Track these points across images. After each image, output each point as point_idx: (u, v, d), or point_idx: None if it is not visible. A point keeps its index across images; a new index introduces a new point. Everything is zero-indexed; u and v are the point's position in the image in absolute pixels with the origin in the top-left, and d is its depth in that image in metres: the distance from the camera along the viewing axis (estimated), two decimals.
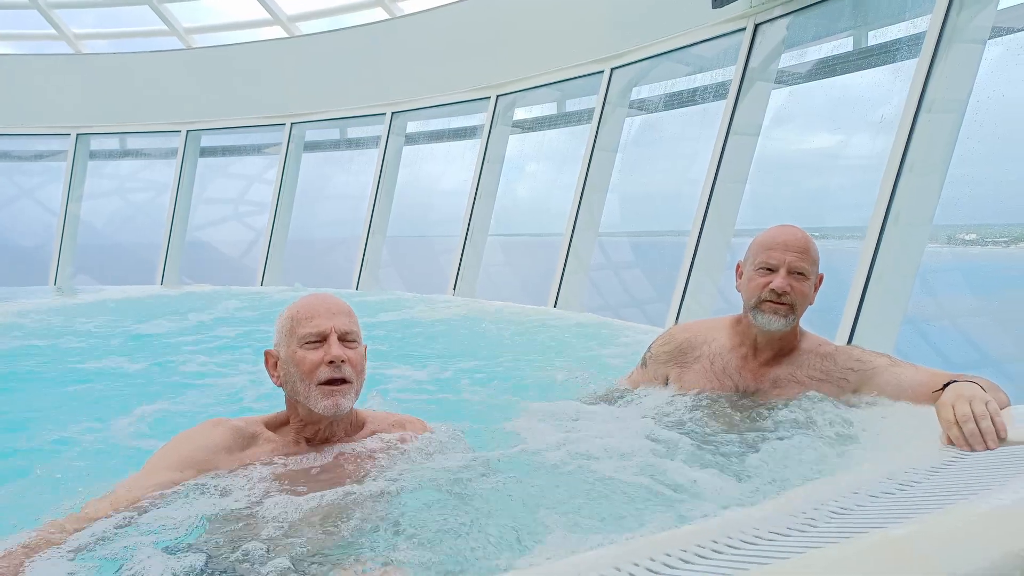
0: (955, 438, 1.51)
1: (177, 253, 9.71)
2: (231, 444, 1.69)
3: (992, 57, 3.96)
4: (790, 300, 2.05)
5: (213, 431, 1.71)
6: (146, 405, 2.82)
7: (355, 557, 1.36)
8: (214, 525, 1.48)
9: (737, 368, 2.17)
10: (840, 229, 6.20)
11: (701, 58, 6.03)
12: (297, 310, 1.74)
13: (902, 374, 1.98)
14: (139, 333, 5.11)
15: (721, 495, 1.47)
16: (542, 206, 8.73)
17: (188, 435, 1.73)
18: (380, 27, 8.54)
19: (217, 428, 1.72)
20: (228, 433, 1.71)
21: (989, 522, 1.00)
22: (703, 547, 0.99)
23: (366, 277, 8.46)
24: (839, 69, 5.23)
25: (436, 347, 4.67)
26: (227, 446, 1.69)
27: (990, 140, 4.02)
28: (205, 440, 1.69)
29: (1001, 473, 1.27)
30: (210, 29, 9.89)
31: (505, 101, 7.66)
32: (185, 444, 1.69)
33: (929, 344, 5.59)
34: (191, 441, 1.70)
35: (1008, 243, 6.46)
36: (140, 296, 7.75)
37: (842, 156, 6.11)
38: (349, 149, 9.71)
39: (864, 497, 1.22)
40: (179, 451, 1.68)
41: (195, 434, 1.72)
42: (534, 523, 1.41)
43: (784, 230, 2.10)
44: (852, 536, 1.03)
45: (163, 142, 9.99)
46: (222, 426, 1.72)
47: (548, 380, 3.17)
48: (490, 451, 1.89)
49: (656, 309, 6.36)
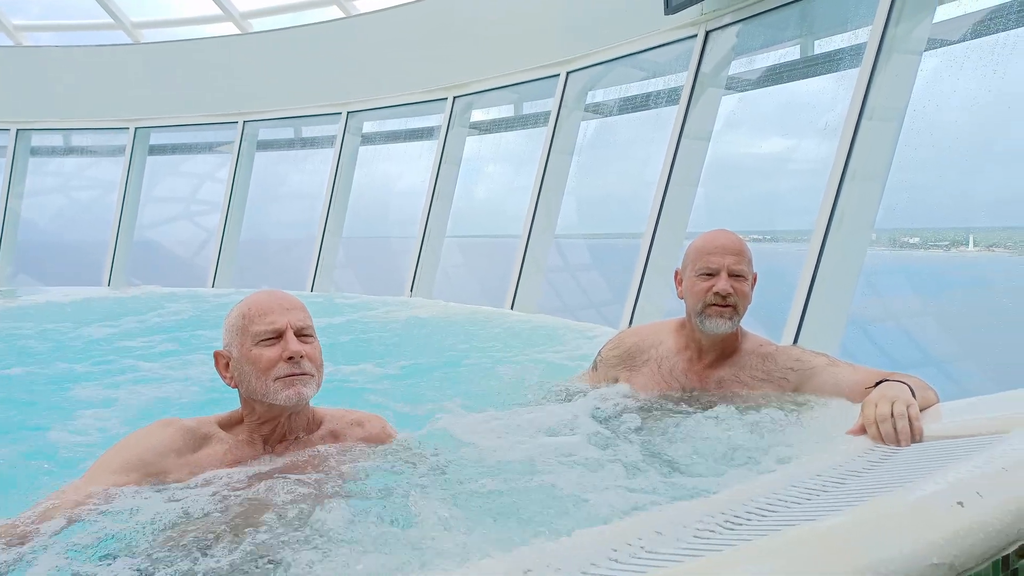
0: (872, 436, 1.60)
1: (125, 253, 9.44)
2: (181, 446, 1.63)
3: (928, 68, 4.13)
4: (733, 302, 2.11)
5: (162, 432, 1.64)
6: (91, 410, 2.75)
7: (308, 562, 1.35)
8: (160, 533, 1.43)
9: (683, 371, 2.23)
10: (789, 232, 6.38)
11: (654, 63, 6.13)
12: (249, 307, 1.68)
13: (839, 373, 2.06)
14: (86, 336, 4.96)
15: (659, 493, 1.51)
16: (499, 208, 8.76)
17: (135, 437, 1.66)
18: (335, 25, 8.46)
19: (167, 429, 1.65)
20: (178, 434, 1.64)
21: (908, 514, 1.05)
22: (636, 545, 1.01)
23: (321, 278, 8.36)
24: (786, 76, 5.38)
25: (392, 348, 4.65)
26: (177, 448, 1.62)
27: (926, 148, 4.19)
28: (153, 442, 1.62)
29: (923, 468, 1.33)
30: (159, 24, 9.66)
31: (462, 102, 7.66)
32: (131, 447, 1.62)
33: (874, 344, 5.78)
34: (138, 443, 1.63)
35: (949, 246, 6.73)
36: (87, 297, 7.52)
37: (790, 161, 6.28)
38: (304, 148, 9.59)
39: (796, 492, 1.26)
40: (124, 454, 1.60)
41: (142, 436, 1.65)
42: (482, 526, 1.43)
43: (720, 235, 2.17)
44: (782, 529, 1.07)
45: (110, 139, 9.71)
46: (172, 427, 1.66)
47: (501, 381, 3.19)
48: (442, 452, 1.90)
49: (613, 311, 6.44)
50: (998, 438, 1.45)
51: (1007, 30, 3.86)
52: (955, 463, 1.28)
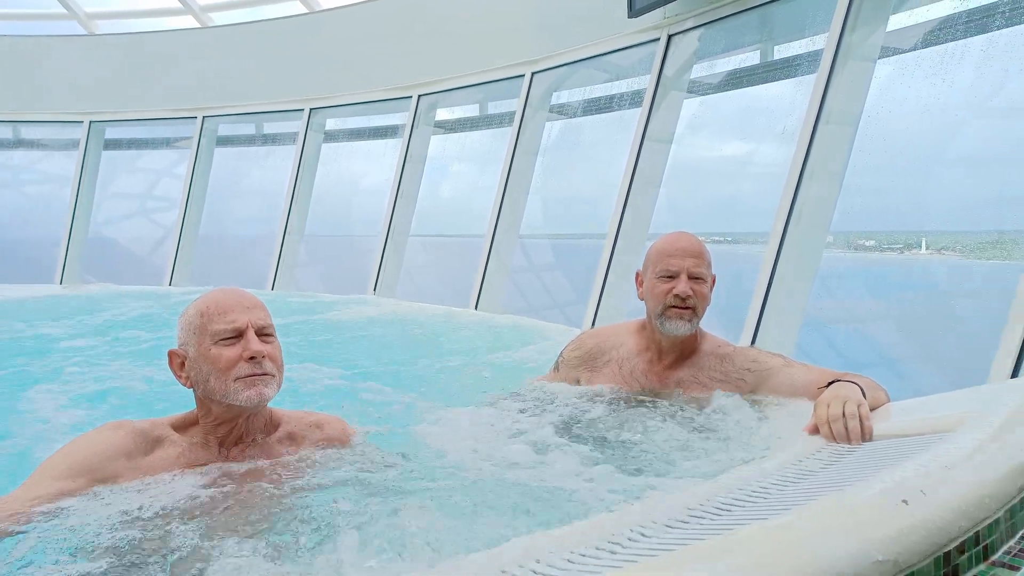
0: (825, 435, 1.65)
1: (78, 250, 9.17)
2: (132, 449, 1.57)
3: (882, 75, 4.24)
4: (692, 304, 2.14)
5: (112, 435, 1.58)
6: (35, 413, 2.66)
7: (264, 567, 1.33)
8: (108, 541, 1.37)
9: (643, 372, 2.25)
10: (750, 234, 6.49)
11: (618, 66, 6.18)
12: (208, 305, 1.63)
13: (795, 374, 2.10)
14: (36, 335, 4.81)
15: (614, 493, 1.52)
16: (464, 207, 8.74)
17: (82, 441, 1.58)
18: (298, 20, 8.34)
19: (117, 431, 1.58)
20: (129, 437, 1.58)
21: (854, 512, 1.07)
22: (590, 545, 1.02)
23: (283, 276, 8.24)
24: (747, 81, 5.47)
25: (353, 348, 4.60)
26: (127, 451, 1.56)
27: (879, 153, 4.31)
28: (101, 445, 1.55)
29: (871, 467, 1.37)
30: (115, 15, 9.41)
31: (427, 101, 7.62)
32: (78, 451, 1.55)
33: (830, 345, 5.91)
34: (85, 447, 1.55)
35: (902, 249, 6.92)
36: (37, 296, 7.29)
37: (751, 164, 6.40)
38: (265, 145, 9.43)
39: (749, 491, 1.29)
40: (70, 458, 1.53)
41: (91, 439, 1.58)
42: (436, 528, 1.42)
43: (680, 237, 2.20)
44: (734, 528, 1.09)
45: (63, 132, 9.42)
46: (123, 429, 1.59)
47: (461, 382, 3.19)
48: (403, 454, 1.89)
49: (576, 311, 6.49)
50: (943, 437, 1.49)
51: (955, 40, 3.99)
52: (902, 462, 1.32)
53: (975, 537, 1.16)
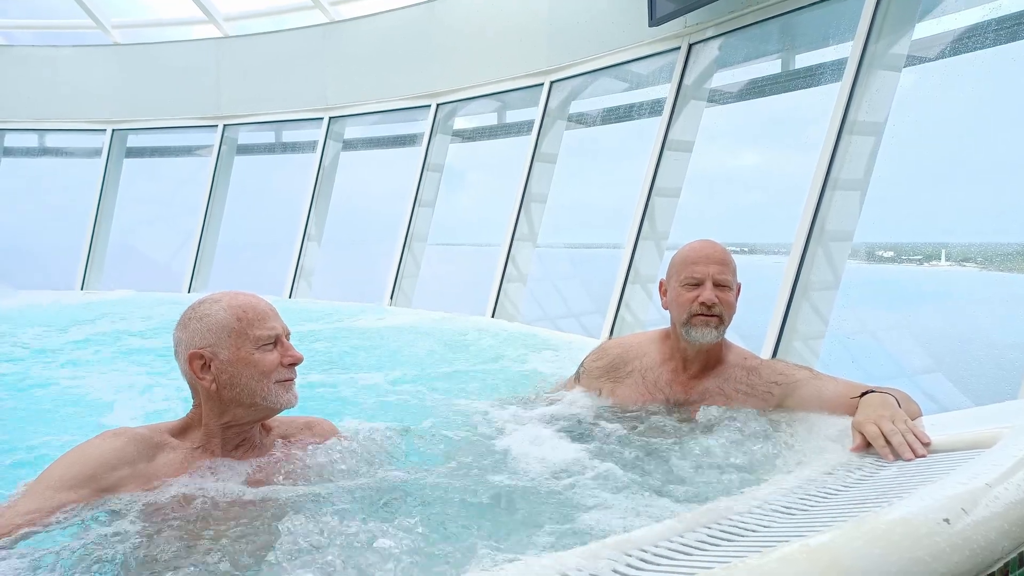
0: (880, 450, 1.59)
1: (100, 257, 9.28)
2: (135, 456, 1.53)
3: (907, 84, 4.18)
4: (718, 311, 2.11)
5: (113, 443, 1.54)
6: (36, 422, 2.65)
7: (277, 569, 1.31)
8: (115, 554, 1.32)
9: (668, 382, 2.22)
10: (770, 245, 6.43)
11: (637, 75, 6.16)
12: (243, 310, 1.63)
13: (823, 387, 2.06)
14: (41, 343, 4.85)
15: (645, 507, 1.49)
16: (481, 216, 8.74)
17: (82, 450, 1.53)
18: (319, 30, 8.41)
19: (118, 439, 1.55)
20: (131, 444, 1.54)
21: (895, 530, 1.04)
22: (620, 561, 1.00)
23: (300, 284, 8.28)
24: (768, 90, 5.43)
25: (369, 356, 4.60)
26: (130, 459, 1.52)
27: (902, 163, 4.25)
28: (103, 454, 1.51)
29: (908, 483, 1.33)
30: (138, 25, 9.54)
31: (445, 110, 7.65)
32: (78, 461, 1.50)
33: (852, 358, 5.83)
34: (86, 457, 1.51)
35: (922, 261, 6.83)
36: (58, 303, 7.36)
37: (771, 174, 6.34)
38: (285, 153, 9.51)
39: (785, 506, 1.25)
40: (72, 468, 1.48)
41: (91, 447, 1.53)
42: (449, 536, 1.40)
43: (704, 244, 2.17)
44: (774, 545, 1.06)
45: (86, 141, 9.55)
46: (123, 436, 1.56)
47: (479, 390, 3.17)
48: (417, 457, 1.88)
49: (594, 321, 6.44)
50: (980, 452, 1.45)
51: (983, 48, 3.93)
52: (940, 478, 1.28)
53: (1019, 558, 1.13)
